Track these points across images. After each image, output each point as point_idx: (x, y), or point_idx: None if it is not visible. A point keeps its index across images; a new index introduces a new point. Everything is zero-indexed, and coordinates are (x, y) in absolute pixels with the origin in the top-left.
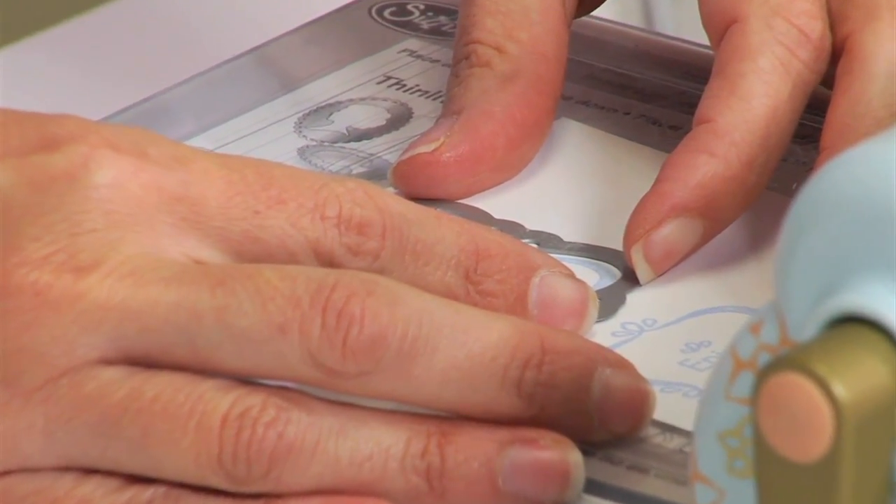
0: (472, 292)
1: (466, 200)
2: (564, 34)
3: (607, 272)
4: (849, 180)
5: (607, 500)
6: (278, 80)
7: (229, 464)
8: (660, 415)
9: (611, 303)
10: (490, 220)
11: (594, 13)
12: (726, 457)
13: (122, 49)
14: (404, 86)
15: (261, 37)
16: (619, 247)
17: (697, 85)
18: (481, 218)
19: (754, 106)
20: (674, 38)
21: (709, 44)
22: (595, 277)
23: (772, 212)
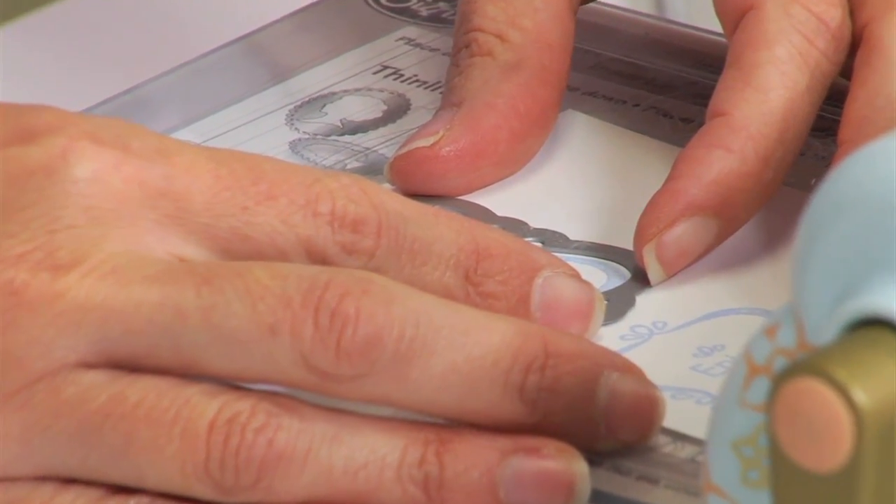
0: (472, 294)
1: (467, 197)
2: (570, 21)
3: (616, 272)
4: (869, 176)
5: None
6: (269, 69)
7: (216, 472)
8: (670, 422)
9: (619, 305)
10: (492, 218)
11: None
12: (740, 467)
13: (103, 36)
14: (402, 76)
15: (250, 24)
16: (628, 245)
17: (711, 75)
18: (482, 215)
19: (771, 98)
20: (686, 25)
21: (722, 32)
22: (603, 278)
23: (789, 209)
